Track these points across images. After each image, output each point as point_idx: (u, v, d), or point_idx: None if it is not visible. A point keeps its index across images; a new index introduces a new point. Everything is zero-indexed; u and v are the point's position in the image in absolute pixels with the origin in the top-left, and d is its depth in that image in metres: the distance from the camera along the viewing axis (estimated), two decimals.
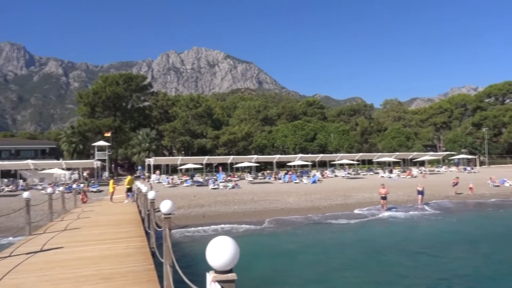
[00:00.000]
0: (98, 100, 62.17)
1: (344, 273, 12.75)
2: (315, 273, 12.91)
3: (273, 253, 15.84)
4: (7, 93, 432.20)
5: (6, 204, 26.51)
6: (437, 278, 12.08)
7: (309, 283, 11.92)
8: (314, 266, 13.75)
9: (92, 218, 15.47)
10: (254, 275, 12.06)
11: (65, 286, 5.98)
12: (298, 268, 13.56)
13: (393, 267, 13.52)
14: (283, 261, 14.58)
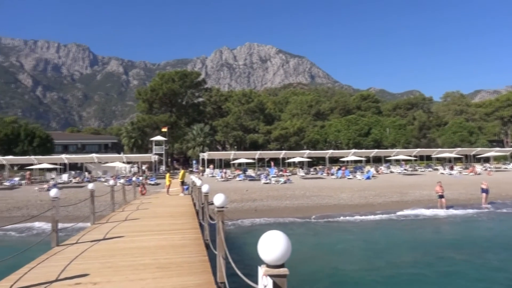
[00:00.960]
0: (156, 96, 64.76)
1: (393, 273, 12.30)
2: (367, 271, 12.58)
3: (325, 250, 15.64)
4: (74, 91, 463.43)
5: (74, 195, 28.47)
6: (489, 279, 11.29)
7: (361, 282, 11.64)
8: (366, 263, 13.40)
9: (150, 209, 16.18)
10: (307, 273, 11.98)
11: (125, 273, 6.30)
12: (352, 265, 13.28)
13: (444, 267, 12.81)
14: (334, 258, 14.35)
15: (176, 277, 5.98)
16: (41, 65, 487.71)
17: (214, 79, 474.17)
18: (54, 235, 8.70)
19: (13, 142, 57.56)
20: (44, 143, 59.89)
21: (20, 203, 27.07)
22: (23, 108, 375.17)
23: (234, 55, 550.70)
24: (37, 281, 5.94)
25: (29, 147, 57.00)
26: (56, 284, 5.77)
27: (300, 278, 11.02)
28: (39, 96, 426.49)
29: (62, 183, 37.84)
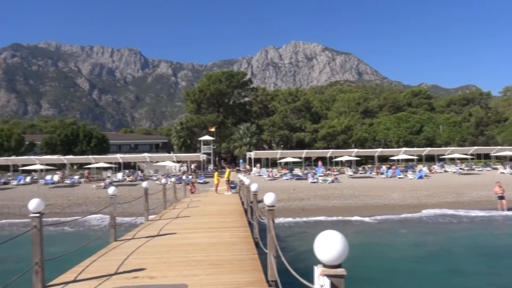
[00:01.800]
0: (203, 97, 66.19)
1: (446, 278, 11.71)
2: (419, 276, 12.09)
3: (377, 251, 15.22)
4: (127, 93, 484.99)
5: (128, 193, 29.82)
6: None
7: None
8: (420, 266, 12.88)
9: (199, 207, 16.58)
10: (361, 275, 11.73)
11: (179, 268, 6.51)
12: (406, 267, 12.83)
13: (504, 274, 12.00)
14: (388, 259, 13.92)
15: (227, 274, 6.09)
16: (97, 69, 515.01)
17: (260, 78, 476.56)
18: (112, 231, 9.16)
19: (72, 142, 61.29)
20: (101, 143, 63.21)
21: (80, 200, 28.78)
22: (81, 110, 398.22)
23: (279, 54, 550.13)
24: (98, 273, 6.28)
25: (87, 147, 60.44)
26: (115, 277, 6.08)
27: (354, 279, 10.81)
28: (95, 99, 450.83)
29: (117, 181, 39.73)
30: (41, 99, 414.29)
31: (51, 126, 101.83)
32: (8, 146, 57.53)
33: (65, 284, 5.76)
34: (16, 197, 30.93)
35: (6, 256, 12.95)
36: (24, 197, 30.66)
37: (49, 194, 31.26)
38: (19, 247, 10.47)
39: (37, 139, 67.29)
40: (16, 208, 26.73)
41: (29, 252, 5.71)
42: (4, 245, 5.71)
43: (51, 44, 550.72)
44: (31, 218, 5.77)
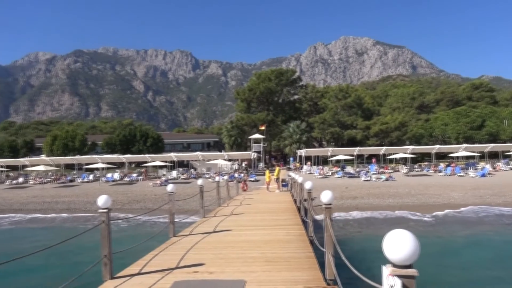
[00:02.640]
0: (253, 96, 66.74)
1: None
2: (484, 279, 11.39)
3: (441, 252, 14.53)
4: (179, 94, 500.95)
5: (182, 190, 30.77)
6: None
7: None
8: (485, 272, 12.13)
9: (252, 205, 16.76)
10: (430, 276, 11.27)
11: (237, 264, 6.63)
12: (469, 270, 12.15)
13: None
14: (454, 260, 13.25)
15: (285, 272, 6.11)
16: (151, 71, 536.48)
17: (309, 75, 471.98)
18: (171, 227, 9.52)
19: (130, 142, 64.37)
20: (156, 143, 65.81)
21: (138, 196, 30.17)
22: (137, 111, 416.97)
23: (328, 50, 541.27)
24: (160, 267, 6.56)
25: (143, 146, 63.20)
26: (176, 271, 6.31)
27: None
28: (150, 100, 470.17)
29: (172, 179, 41.18)
30: (101, 102, 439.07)
31: (110, 127, 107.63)
32: (72, 146, 61.58)
33: (131, 276, 6.08)
34: (81, 194, 33.07)
35: (75, 249, 13.85)
36: (88, 194, 32.73)
37: (110, 191, 33.05)
38: (85, 240, 11.18)
39: (98, 139, 71.40)
40: (81, 204, 28.57)
41: (92, 245, 6.08)
42: (73, 238, 6.13)
43: (109, 49, 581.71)
44: (100, 213, 6.15)
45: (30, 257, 5.16)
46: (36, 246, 15.33)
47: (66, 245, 5.97)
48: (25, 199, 31.86)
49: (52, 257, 12.96)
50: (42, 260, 12.40)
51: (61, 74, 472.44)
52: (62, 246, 5.84)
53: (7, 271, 10.84)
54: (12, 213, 27.01)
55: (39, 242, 17.44)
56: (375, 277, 3.38)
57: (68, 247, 13.24)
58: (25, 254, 5.27)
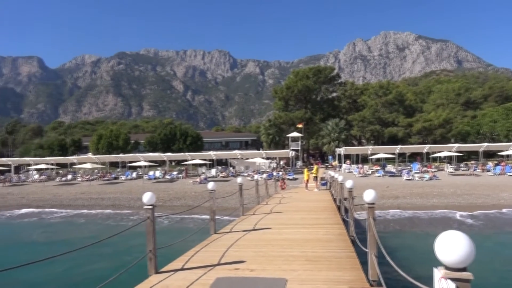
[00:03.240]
0: (291, 94, 66.43)
1: None
2: None
3: (492, 255, 13.85)
4: (217, 93, 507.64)
5: (221, 188, 31.16)
6: None
7: None
8: None
9: (291, 203, 16.70)
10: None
11: (277, 262, 6.63)
12: None
13: None
14: (504, 265, 12.59)
15: (326, 271, 6.05)
16: (190, 72, 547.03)
17: (348, 72, 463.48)
18: (212, 224, 9.67)
19: (171, 140, 66.01)
20: (195, 141, 67.08)
21: (179, 194, 30.89)
22: (177, 111, 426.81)
23: (368, 46, 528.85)
24: (202, 263, 6.69)
25: (183, 145, 64.63)
26: (218, 268, 6.41)
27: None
28: (189, 100, 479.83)
29: (211, 177, 41.81)
30: (143, 102, 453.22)
31: (152, 126, 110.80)
32: (116, 144, 63.97)
33: (174, 272, 6.24)
34: (124, 191, 34.31)
35: (120, 244, 14.38)
36: (131, 191, 33.91)
37: (152, 188, 34.07)
38: (129, 236, 11.58)
39: (141, 138, 73.75)
40: (125, 201, 29.65)
41: (135, 242, 6.27)
42: (114, 234, 6.37)
43: (150, 51, 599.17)
44: (145, 210, 6.35)
45: (78, 251, 5.41)
46: (83, 240, 16.09)
47: (112, 240, 6.20)
48: (74, 195, 33.48)
49: (98, 252, 13.53)
50: (88, 254, 12.98)
51: (105, 76, 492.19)
52: (108, 241, 6.08)
53: (56, 264, 11.46)
54: (62, 208, 28.47)
55: (86, 236, 18.30)
56: (421, 279, 3.27)
57: (113, 242, 13.80)
58: (74, 248, 5.54)
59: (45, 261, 4.57)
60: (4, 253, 15.54)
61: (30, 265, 4.29)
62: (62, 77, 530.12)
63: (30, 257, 4.54)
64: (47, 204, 30.08)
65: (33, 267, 4.45)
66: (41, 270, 11.11)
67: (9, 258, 14.27)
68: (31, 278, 10.94)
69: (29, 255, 14.86)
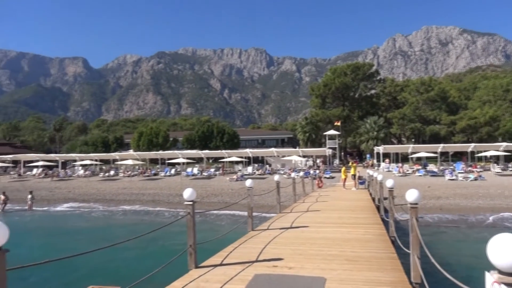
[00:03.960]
0: (328, 91, 65.57)
1: None
2: None
3: None
4: (254, 91, 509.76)
5: (257, 186, 31.29)
6: None
7: None
8: None
9: (329, 202, 16.52)
10: None
11: (316, 261, 6.59)
12: None
13: None
14: None
15: (366, 271, 5.94)
16: (227, 70, 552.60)
17: (387, 69, 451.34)
18: (249, 221, 9.74)
19: (208, 138, 67.04)
20: (232, 139, 67.73)
21: (216, 191, 31.33)
22: (214, 109, 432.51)
23: (408, 42, 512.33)
24: (241, 259, 6.76)
25: (220, 142, 65.45)
26: (256, 264, 6.45)
27: None
28: (226, 98, 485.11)
29: (248, 174, 42.07)
30: (181, 100, 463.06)
31: (190, 124, 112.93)
32: (156, 142, 65.76)
33: (214, 267, 6.34)
34: (164, 187, 35.23)
35: (160, 239, 14.76)
36: (170, 187, 34.77)
37: (190, 184, 34.73)
38: (167, 232, 11.88)
39: (179, 136, 75.37)
40: (165, 196, 30.45)
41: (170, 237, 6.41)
42: (158, 229, 6.56)
43: (188, 50, 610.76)
44: (185, 205, 6.50)
45: (120, 245, 5.61)
46: (125, 234, 16.69)
47: (152, 234, 6.40)
48: (116, 190, 34.77)
49: (137, 245, 13.98)
50: (129, 248, 13.42)
51: (145, 75, 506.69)
52: (148, 235, 6.28)
53: (96, 257, 11.93)
54: (105, 203, 29.65)
55: (128, 230, 18.96)
56: (468, 283, 3.15)
57: (152, 237, 14.22)
58: (117, 241, 5.76)
59: (91, 252, 4.80)
60: (54, 242, 16.41)
61: (75, 255, 4.51)
62: (105, 76, 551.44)
63: (75, 248, 4.77)
64: (91, 199, 31.43)
65: (78, 257, 4.69)
66: (85, 261, 11.62)
67: (59, 248, 15.05)
68: (76, 267, 11.49)
69: (74, 246, 15.62)
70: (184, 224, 6.62)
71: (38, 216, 25.46)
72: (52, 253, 13.16)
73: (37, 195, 31.88)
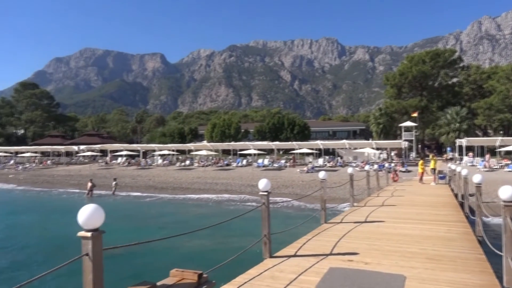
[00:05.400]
0: (404, 80, 62.33)
1: None
2: None
3: None
4: (324, 82, 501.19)
5: (328, 178, 30.74)
6: None
7: None
8: None
9: (405, 197, 15.75)
10: None
11: (394, 258, 6.32)
12: None
13: None
14: None
15: (450, 272, 5.57)
16: (297, 61, 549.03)
17: (471, 55, 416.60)
18: (322, 213, 9.63)
19: (278, 130, 67.39)
20: (303, 131, 67.38)
21: (287, 182, 31.44)
22: (284, 100, 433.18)
23: (497, 24, 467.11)
24: (314, 251, 6.71)
25: (290, 134, 65.46)
26: (331, 257, 6.36)
27: None
28: (296, 89, 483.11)
29: (318, 166, 41.60)
30: (252, 92, 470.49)
31: (260, 116, 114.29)
32: (228, 133, 67.63)
33: (287, 257, 6.37)
34: (236, 177, 36.16)
35: (234, 228, 15.19)
36: (242, 177, 35.59)
37: (261, 175, 35.24)
38: (240, 221, 12.18)
39: (250, 127, 76.68)
40: (237, 186, 31.25)
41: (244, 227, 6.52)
42: (234, 218, 6.72)
43: (259, 42, 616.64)
44: (260, 196, 6.59)
45: (195, 232, 5.86)
46: (201, 221, 17.46)
47: (226, 223, 6.60)
48: (191, 179, 36.42)
49: (212, 233, 14.54)
50: (204, 235, 13.99)
51: (218, 68, 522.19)
52: (223, 224, 6.51)
53: (175, 242, 12.60)
54: (181, 191, 31.23)
55: (204, 218, 19.79)
56: None
57: (227, 225, 14.70)
58: (196, 228, 6.01)
59: (171, 238, 5.08)
60: (137, 226, 17.69)
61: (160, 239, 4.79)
62: (180, 70, 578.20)
63: (157, 233, 5.06)
64: (169, 186, 33.27)
65: (159, 241, 4.99)
66: (165, 245, 12.35)
67: (143, 231, 16.20)
68: (158, 251, 12.26)
69: (155, 231, 16.69)
70: (252, 215, 6.71)
71: (121, 201, 27.58)
72: (137, 236, 14.22)
73: (121, 182, 34.54)
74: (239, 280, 5.25)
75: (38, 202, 28.90)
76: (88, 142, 71.91)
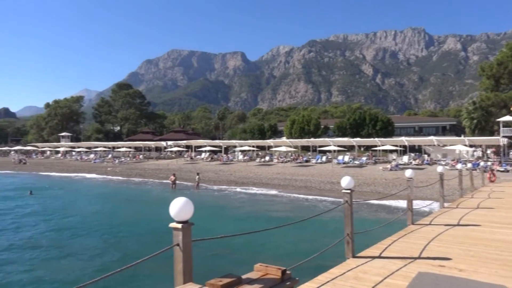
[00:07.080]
0: (503, 71, 56.46)
1: None
2: None
3: None
4: (410, 75, 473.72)
5: (414, 176, 29.06)
6: None
7: None
8: None
9: (505, 199, 14.29)
10: None
11: (493, 266, 5.75)
12: None
13: None
14: None
15: None
16: (380, 54, 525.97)
17: None
18: (409, 214, 9.11)
19: (360, 126, 65.21)
20: (386, 126, 64.37)
21: (368, 180, 30.37)
22: (365, 95, 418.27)
23: None
24: (400, 254, 6.37)
25: (372, 130, 62.95)
26: (419, 261, 5.98)
27: None
28: (378, 83, 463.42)
29: (403, 164, 39.49)
30: (331, 87, 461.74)
31: (340, 111, 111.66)
32: (308, 129, 67.13)
33: (371, 258, 6.13)
34: (315, 174, 35.84)
35: (312, 225, 15.05)
36: (321, 174, 35.17)
37: (342, 172, 34.45)
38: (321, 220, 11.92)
39: (330, 123, 75.32)
40: (316, 183, 30.95)
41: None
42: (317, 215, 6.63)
43: (339, 37, 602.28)
44: (343, 193, 6.42)
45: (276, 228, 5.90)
46: (282, 217, 17.61)
47: (307, 221, 6.54)
48: (271, 175, 36.90)
49: (291, 230, 14.53)
50: (284, 232, 14.05)
51: (297, 64, 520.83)
52: (303, 221, 6.46)
53: (256, 237, 12.79)
54: (261, 186, 31.78)
55: (284, 214, 19.94)
56: None
57: (307, 223, 14.61)
58: (281, 224, 6.05)
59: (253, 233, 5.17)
60: (220, 219, 18.41)
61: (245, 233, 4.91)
62: (260, 68, 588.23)
63: (239, 227, 5.19)
64: (249, 182, 34.07)
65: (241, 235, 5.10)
66: (247, 239, 12.65)
67: (225, 225, 16.83)
68: (240, 245, 12.61)
69: (238, 224, 17.20)
70: (330, 214, 6.55)
71: (204, 195, 28.89)
72: (221, 228, 14.79)
73: (205, 176, 36.20)
74: (321, 278, 5.17)
75: (132, 193, 31.50)
76: (175, 138, 76.44)
